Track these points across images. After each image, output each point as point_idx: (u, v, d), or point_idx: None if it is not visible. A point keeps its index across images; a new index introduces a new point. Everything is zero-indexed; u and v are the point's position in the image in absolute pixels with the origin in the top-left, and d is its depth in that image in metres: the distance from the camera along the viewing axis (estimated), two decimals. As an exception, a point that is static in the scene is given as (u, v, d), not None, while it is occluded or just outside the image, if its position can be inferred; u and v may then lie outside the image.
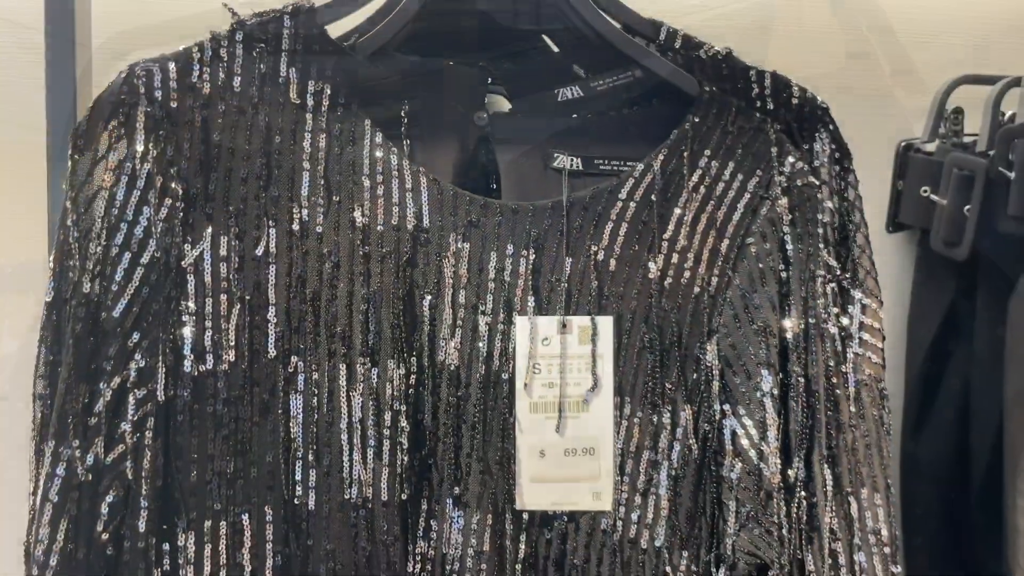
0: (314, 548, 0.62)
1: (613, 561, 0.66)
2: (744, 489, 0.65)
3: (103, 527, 0.58)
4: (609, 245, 0.66)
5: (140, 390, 0.59)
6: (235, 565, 0.61)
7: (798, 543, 0.65)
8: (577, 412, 0.66)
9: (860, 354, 0.68)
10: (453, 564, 0.65)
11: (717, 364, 0.66)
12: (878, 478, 0.68)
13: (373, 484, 0.63)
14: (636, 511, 0.66)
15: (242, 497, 0.61)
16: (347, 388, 0.63)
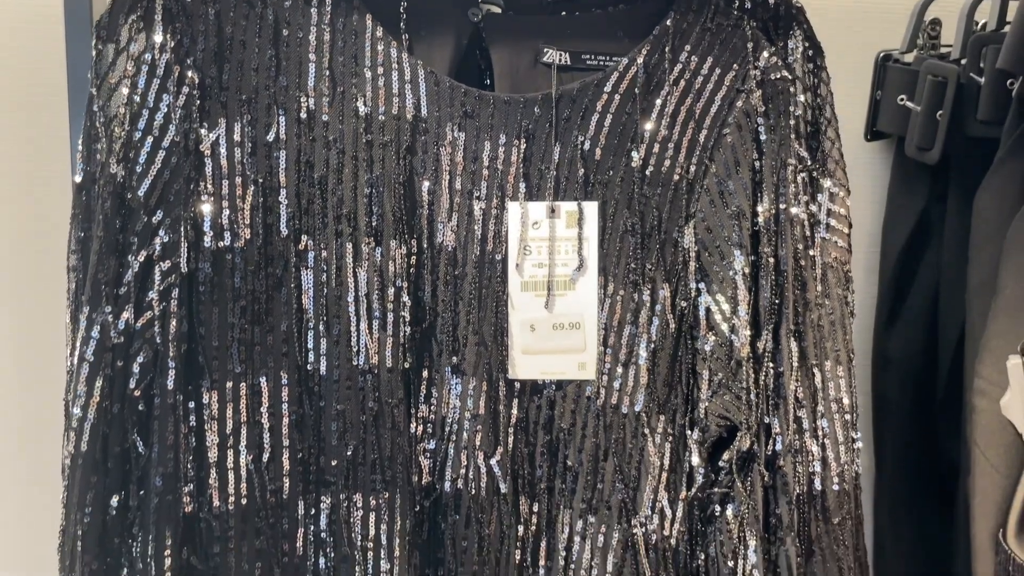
0: (326, 409, 0.67)
1: (596, 425, 0.70)
2: (717, 360, 0.69)
3: (135, 385, 0.62)
4: (595, 135, 0.69)
5: (165, 263, 0.62)
6: (255, 423, 0.66)
7: (765, 408, 0.69)
8: (564, 290, 0.70)
9: (827, 239, 0.71)
10: (452, 426, 0.70)
11: (694, 246, 0.70)
12: (841, 352, 0.72)
13: (378, 352, 0.67)
14: (618, 380, 0.70)
15: (259, 362, 0.65)
16: (353, 265, 0.67)
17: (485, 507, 0.68)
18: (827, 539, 0.70)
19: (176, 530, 0.62)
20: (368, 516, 0.66)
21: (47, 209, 0.93)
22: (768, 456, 0.69)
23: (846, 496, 0.71)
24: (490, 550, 0.68)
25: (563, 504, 0.70)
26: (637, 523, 0.69)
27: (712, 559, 0.69)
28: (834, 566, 0.71)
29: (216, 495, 0.64)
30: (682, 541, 0.70)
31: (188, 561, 0.64)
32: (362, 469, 0.66)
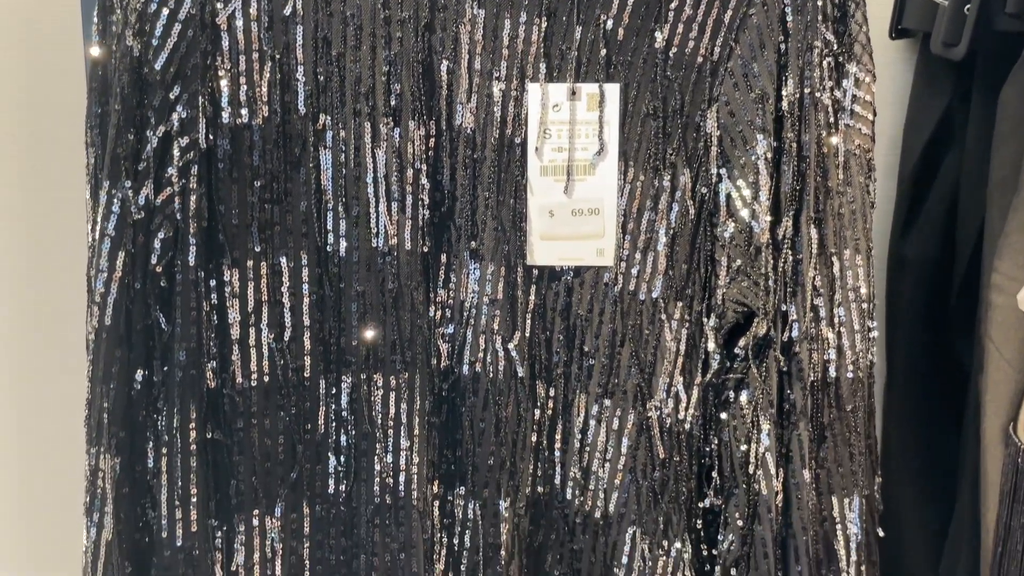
0: (345, 290, 0.66)
1: (614, 311, 0.70)
2: (736, 246, 0.68)
3: (156, 261, 0.61)
4: (618, 14, 0.65)
5: (183, 138, 0.60)
6: (275, 302, 0.65)
7: (783, 295, 0.68)
8: (584, 175, 0.69)
9: (851, 125, 0.69)
10: (470, 311, 0.69)
11: (716, 131, 0.67)
12: (860, 241, 0.70)
13: (397, 235, 0.66)
14: (636, 266, 0.69)
15: (279, 242, 0.64)
16: (372, 145, 0.65)
17: (502, 390, 0.68)
18: (839, 426, 0.70)
19: (200, 404, 0.62)
20: (388, 396, 0.66)
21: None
22: (784, 343, 0.68)
23: (860, 384, 0.70)
24: (507, 432, 0.68)
25: (579, 389, 0.69)
26: (652, 407, 0.69)
27: (725, 443, 0.69)
28: (845, 451, 0.70)
29: (239, 371, 0.64)
30: (696, 425, 0.69)
31: (212, 436, 0.64)
32: (382, 349, 0.66)
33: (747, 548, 0.68)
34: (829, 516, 0.70)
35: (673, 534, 0.69)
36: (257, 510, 0.65)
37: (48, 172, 0.91)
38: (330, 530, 0.67)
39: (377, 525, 0.66)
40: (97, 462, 0.62)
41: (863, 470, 0.71)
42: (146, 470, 0.62)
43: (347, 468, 0.66)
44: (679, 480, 0.69)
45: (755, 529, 0.68)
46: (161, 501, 0.62)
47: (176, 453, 0.61)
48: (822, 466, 0.70)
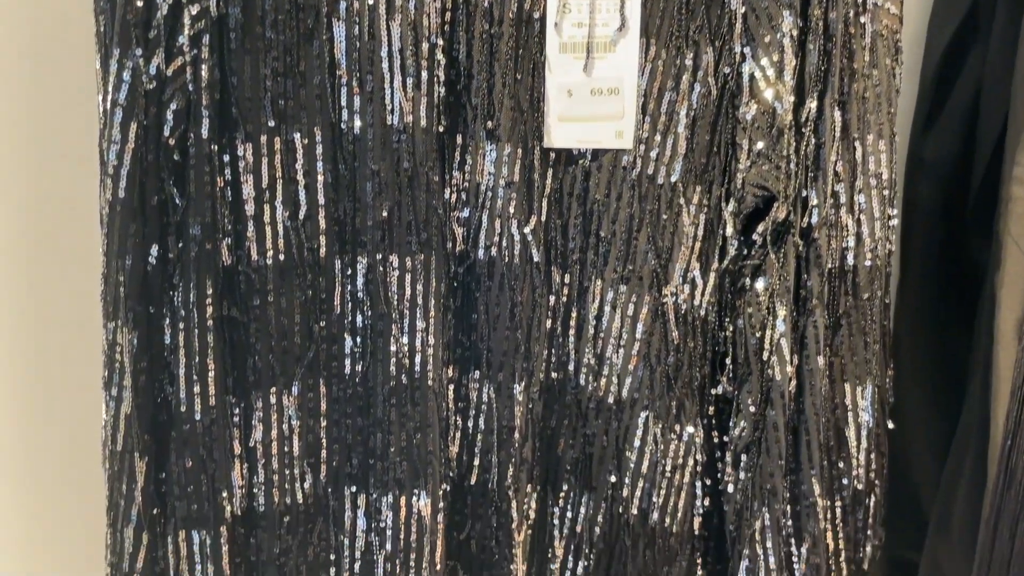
0: (360, 168, 0.64)
1: (631, 195, 0.68)
2: (757, 128, 0.66)
3: (169, 133, 0.59)
4: None
5: (194, 6, 0.57)
6: (290, 179, 0.63)
7: (803, 180, 0.67)
8: (604, 53, 0.66)
9: (879, 4, 0.66)
10: (485, 193, 0.67)
11: (741, 7, 0.64)
12: (884, 126, 0.68)
13: (413, 112, 0.64)
14: (655, 149, 0.67)
15: (293, 117, 0.62)
16: (386, 17, 0.62)
17: (518, 275, 0.67)
18: (855, 314, 0.69)
19: (216, 281, 0.62)
20: (404, 277, 0.65)
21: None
22: (803, 228, 0.66)
23: (877, 273, 0.69)
24: (522, 317, 0.68)
25: (595, 274, 0.68)
26: (668, 293, 0.68)
27: (740, 330, 0.68)
28: (860, 340, 0.70)
29: (254, 248, 0.62)
30: (711, 311, 0.69)
31: (229, 313, 0.63)
32: (397, 230, 0.64)
33: (759, 434, 0.68)
34: (841, 404, 0.70)
35: (686, 419, 0.69)
36: (274, 388, 0.65)
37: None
38: (347, 409, 0.67)
39: (393, 405, 0.66)
40: (115, 336, 0.61)
41: (877, 359, 0.71)
42: (163, 346, 0.62)
43: (363, 349, 0.66)
44: (693, 366, 0.69)
45: (767, 414, 0.68)
46: (179, 376, 0.61)
47: (193, 328, 0.61)
48: (836, 354, 0.69)
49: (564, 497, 0.72)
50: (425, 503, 0.67)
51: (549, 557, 0.73)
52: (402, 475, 0.67)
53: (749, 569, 0.69)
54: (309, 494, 0.68)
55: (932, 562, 0.90)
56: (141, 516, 0.63)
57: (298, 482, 0.67)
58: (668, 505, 0.70)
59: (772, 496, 0.68)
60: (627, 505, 0.70)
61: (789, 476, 0.69)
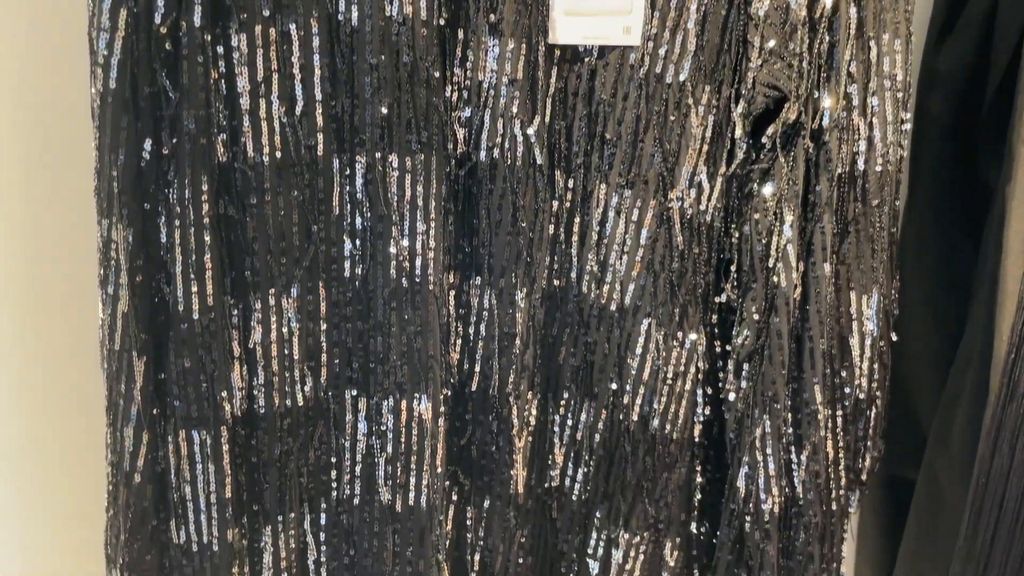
0: (358, 63, 0.60)
1: (638, 95, 0.66)
2: (770, 25, 0.63)
3: (160, 20, 0.56)
4: None
5: None
6: (286, 73, 0.58)
7: (816, 79, 0.65)
8: (612, -57, 0.64)
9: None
10: (488, 92, 0.65)
11: None
12: (901, 25, 0.65)
13: (413, 3, 0.61)
14: (664, 46, 0.65)
15: (288, 7, 0.57)
16: (385, -99, 0.60)
17: (520, 178, 0.65)
18: (863, 221, 0.67)
19: (211, 177, 0.60)
20: (404, 177, 0.63)
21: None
22: (813, 131, 0.64)
23: (888, 179, 0.67)
24: (524, 222, 0.66)
25: (599, 178, 0.67)
26: (673, 197, 0.66)
27: (746, 237, 0.67)
28: (867, 248, 0.68)
29: (250, 144, 0.60)
30: (717, 217, 0.67)
31: (226, 211, 0.62)
32: (397, 128, 0.62)
33: (761, 341, 0.67)
34: (846, 312, 0.69)
35: (688, 326, 0.68)
36: (273, 289, 0.64)
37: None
38: (346, 312, 0.66)
39: (394, 308, 0.65)
40: (109, 233, 0.60)
41: (883, 268, 0.69)
42: (159, 244, 0.61)
43: (363, 251, 0.64)
44: (697, 272, 0.67)
45: (771, 322, 0.67)
46: (176, 274, 0.60)
47: (189, 226, 0.59)
48: (843, 262, 0.68)
49: (564, 405, 0.71)
50: (426, 407, 0.66)
51: (549, 464, 0.73)
52: (403, 379, 0.66)
53: (748, 476, 0.69)
54: (310, 397, 0.67)
55: (930, 478, 0.91)
56: (141, 416, 0.62)
57: (298, 385, 0.66)
58: (669, 412, 0.70)
59: (773, 403, 0.67)
60: (628, 412, 0.69)
61: (791, 384, 0.68)
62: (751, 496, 0.69)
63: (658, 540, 0.72)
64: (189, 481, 0.64)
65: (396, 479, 0.67)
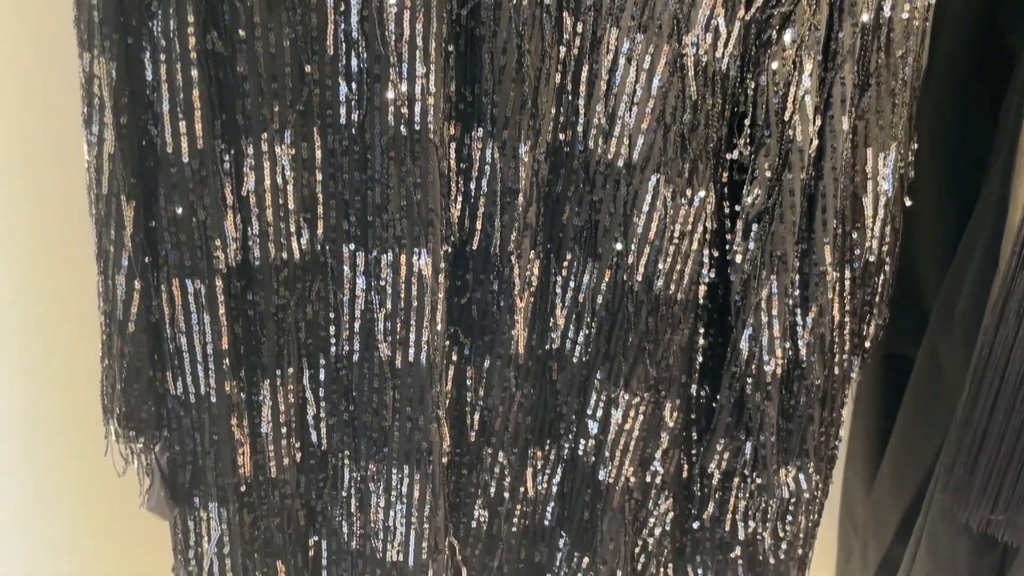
0: None
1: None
2: None
3: None
4: None
5: None
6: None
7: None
8: None
9: None
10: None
11: None
12: None
13: None
14: None
15: None
16: None
17: (527, 20, 0.61)
18: (886, 73, 0.63)
19: (198, 7, 0.56)
20: (402, 14, 0.58)
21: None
22: (839, -29, 0.60)
23: (914, 28, 0.63)
24: (530, 69, 0.62)
25: (610, 22, 0.62)
26: (688, 43, 0.62)
27: (762, 88, 0.63)
28: (888, 102, 0.64)
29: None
30: (733, 66, 0.63)
31: (214, 48, 0.58)
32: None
33: (773, 200, 0.64)
34: (861, 170, 0.66)
35: (698, 183, 0.65)
36: (266, 134, 0.60)
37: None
38: (343, 162, 0.62)
39: (392, 158, 0.61)
40: (91, 68, 0.56)
41: (903, 124, 0.66)
42: (144, 83, 0.57)
43: (359, 96, 0.61)
44: (710, 125, 0.64)
45: (784, 178, 0.64)
46: (163, 114, 0.57)
47: (175, 61, 0.55)
48: (862, 117, 0.64)
49: (567, 267, 0.69)
50: (426, 262, 0.64)
51: (550, 326, 0.71)
52: (402, 233, 0.63)
53: (751, 337, 0.68)
54: (306, 250, 0.65)
55: (930, 355, 0.89)
56: (132, 263, 0.60)
57: (294, 237, 0.64)
58: (673, 273, 0.67)
59: (782, 263, 0.65)
60: (632, 273, 0.67)
61: (800, 245, 0.66)
62: (753, 358, 0.68)
63: (658, 401, 0.71)
64: (184, 332, 0.62)
65: (395, 335, 0.66)
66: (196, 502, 0.67)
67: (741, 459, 0.71)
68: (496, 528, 0.76)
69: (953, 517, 0.80)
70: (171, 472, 0.66)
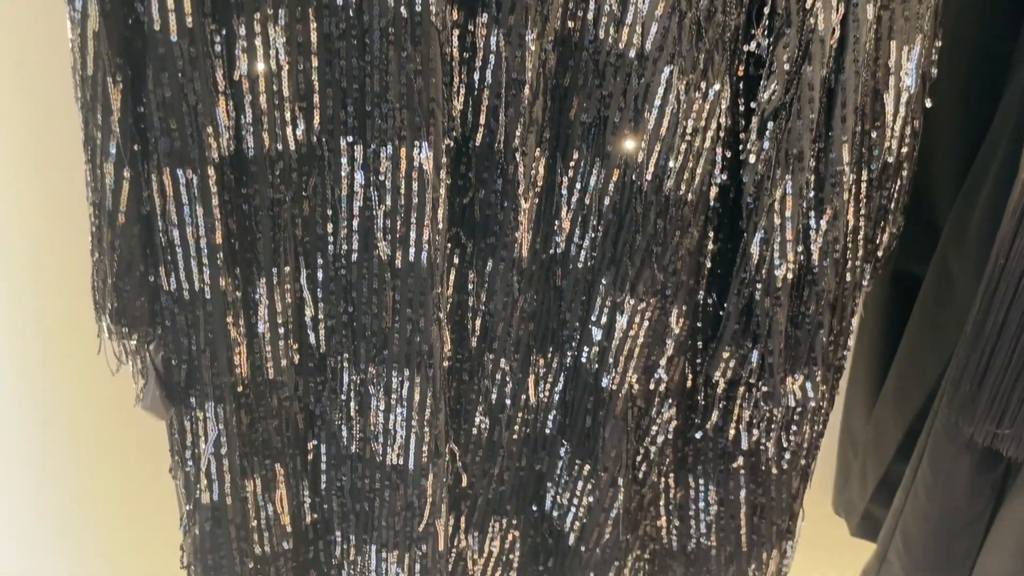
0: None
1: None
2: None
3: None
4: None
5: None
6: None
7: None
8: None
9: None
10: None
11: None
12: None
13: None
14: None
15: None
16: None
17: None
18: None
19: None
20: None
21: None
22: None
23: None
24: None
25: (624, -102, 0.58)
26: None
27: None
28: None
29: None
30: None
31: (201, -85, 0.54)
32: None
33: (790, 95, 0.61)
34: (884, 65, 0.62)
35: (713, 75, 0.62)
36: (258, 14, 0.56)
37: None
38: (340, 47, 0.59)
39: (391, 42, 0.58)
40: (71, -66, 0.52)
41: (929, 17, 0.62)
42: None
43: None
44: (727, 12, 0.60)
45: (803, 71, 0.60)
46: (148, -12, 0.53)
47: (160, -72, 0.52)
48: (887, 6, 0.61)
49: (574, 167, 0.66)
50: (427, 156, 0.61)
51: (555, 229, 0.69)
52: (402, 124, 0.60)
53: (763, 240, 0.65)
54: (302, 142, 0.62)
55: (941, 267, 0.87)
56: (120, 151, 0.57)
57: (289, 127, 0.61)
58: (685, 172, 0.64)
59: (798, 162, 0.62)
60: (641, 172, 0.64)
61: (817, 144, 0.63)
62: (764, 262, 0.66)
63: (664, 307, 0.69)
64: (177, 225, 0.60)
65: (395, 233, 0.63)
66: (192, 402, 0.66)
67: (747, 367, 0.70)
68: (497, 435, 0.75)
69: (957, 433, 0.79)
70: (166, 371, 0.64)
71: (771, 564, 0.81)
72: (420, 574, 0.74)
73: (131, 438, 0.96)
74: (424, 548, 0.74)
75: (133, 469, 1.00)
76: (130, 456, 0.99)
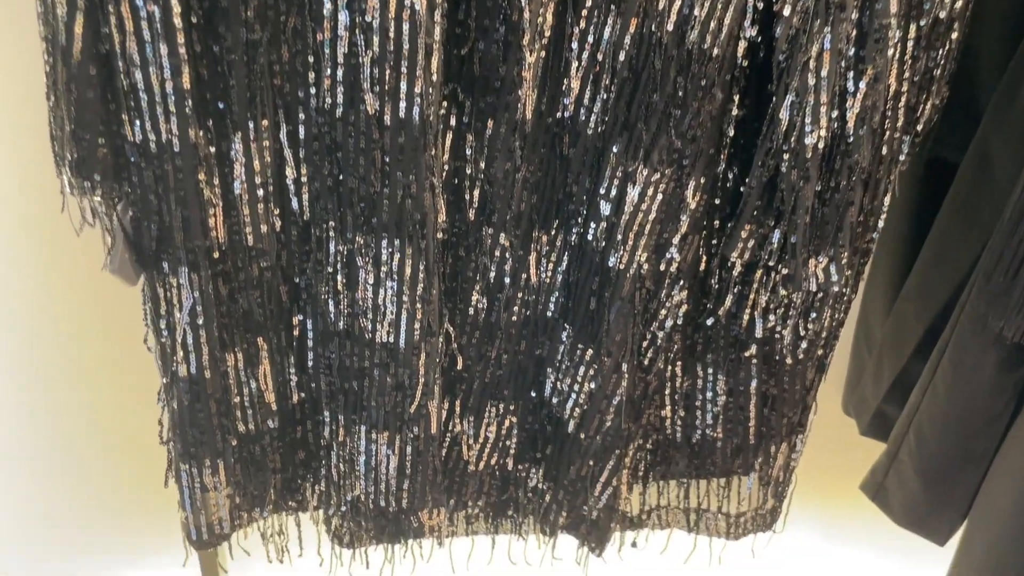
0: None
1: None
2: None
3: None
4: None
5: None
6: None
7: None
8: None
9: None
10: None
11: None
12: None
13: None
14: None
15: None
16: None
17: None
18: None
19: None
20: None
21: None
22: None
23: None
24: None
25: None
26: None
27: None
28: None
29: None
30: None
31: None
32: None
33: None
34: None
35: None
36: None
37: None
38: None
39: None
40: None
41: None
42: None
43: None
44: None
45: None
46: None
47: None
48: None
49: (587, 16, 0.58)
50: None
51: (563, 90, 0.61)
52: (392, -45, 0.52)
53: (795, 104, 0.58)
54: (279, -25, 0.54)
55: (980, 152, 0.80)
56: (71, -27, 0.50)
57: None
58: (711, 22, 0.57)
59: (840, 11, 0.55)
60: (662, 21, 0.57)
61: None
62: (794, 129, 0.59)
63: (680, 179, 0.62)
64: (139, 65, 0.53)
65: (384, 84, 0.56)
66: (165, 267, 0.60)
67: (768, 248, 0.64)
68: (495, 316, 0.70)
69: (984, 327, 0.73)
70: (135, 232, 0.59)
71: (779, 458, 0.76)
72: (412, 456, 0.71)
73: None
74: (416, 430, 0.70)
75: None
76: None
